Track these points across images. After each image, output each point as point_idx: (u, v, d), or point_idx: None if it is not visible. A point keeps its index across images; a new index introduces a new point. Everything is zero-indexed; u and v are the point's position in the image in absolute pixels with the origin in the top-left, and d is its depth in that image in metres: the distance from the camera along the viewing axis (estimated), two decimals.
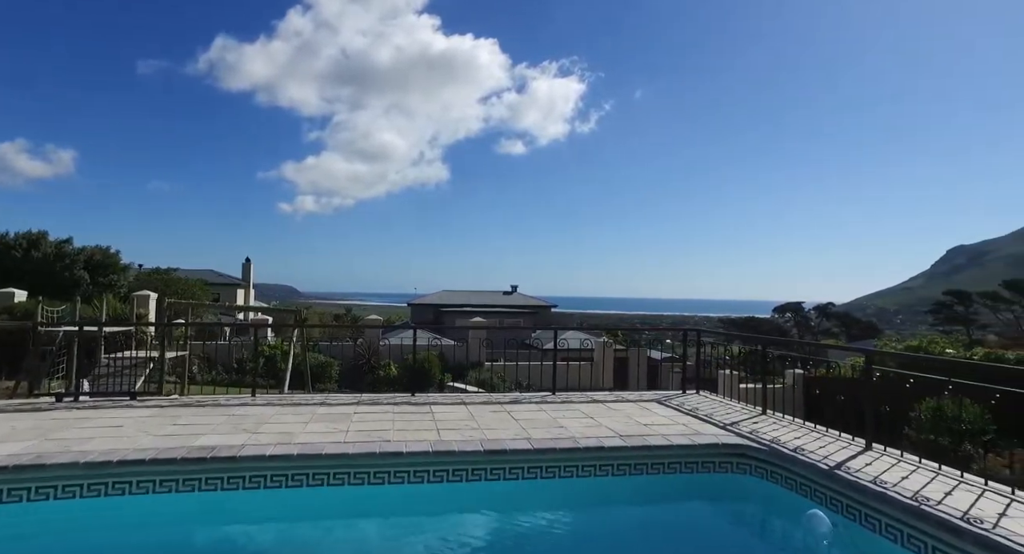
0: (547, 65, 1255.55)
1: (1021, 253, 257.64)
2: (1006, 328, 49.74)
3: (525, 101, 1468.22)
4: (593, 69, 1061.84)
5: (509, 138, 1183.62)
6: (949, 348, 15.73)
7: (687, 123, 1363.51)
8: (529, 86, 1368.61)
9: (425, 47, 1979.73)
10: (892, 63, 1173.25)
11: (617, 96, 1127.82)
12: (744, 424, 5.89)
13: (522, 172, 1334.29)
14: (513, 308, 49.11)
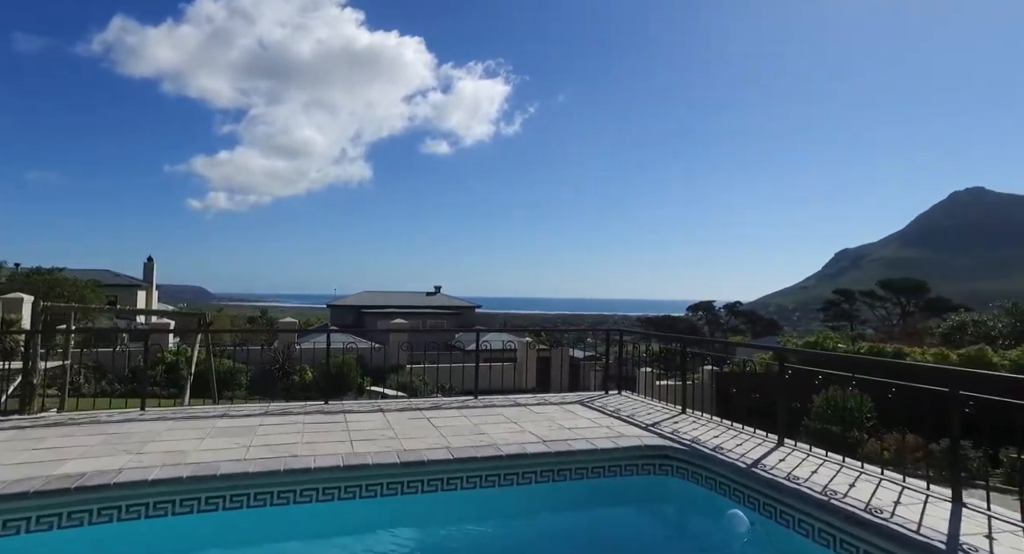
0: (473, 66, 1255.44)
1: (891, 256, 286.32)
2: (880, 323, 54.92)
3: (451, 101, 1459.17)
4: (519, 72, 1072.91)
5: (434, 138, 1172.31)
6: (840, 343, 17.00)
7: (607, 127, 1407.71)
8: (455, 86, 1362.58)
9: (348, 42, 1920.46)
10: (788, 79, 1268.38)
11: (542, 99, 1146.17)
12: (665, 424, 5.93)
13: (447, 172, 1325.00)
14: (436, 309, 48.48)
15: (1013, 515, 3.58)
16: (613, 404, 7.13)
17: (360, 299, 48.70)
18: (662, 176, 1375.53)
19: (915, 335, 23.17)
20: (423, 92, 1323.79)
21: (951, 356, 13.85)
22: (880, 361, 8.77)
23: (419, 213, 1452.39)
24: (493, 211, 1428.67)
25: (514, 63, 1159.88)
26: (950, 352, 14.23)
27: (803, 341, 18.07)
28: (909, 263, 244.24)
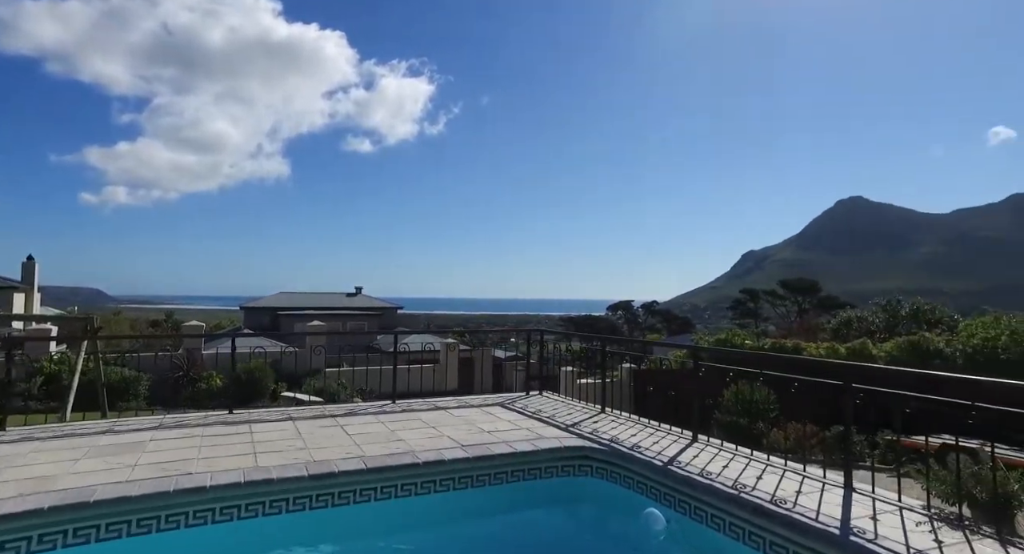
0: (396, 64, 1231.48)
1: (789, 258, 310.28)
2: (780, 320, 59.32)
3: (374, 98, 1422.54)
4: (443, 72, 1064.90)
5: (356, 135, 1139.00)
6: (747, 339, 18.07)
7: (530, 128, 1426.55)
8: (378, 83, 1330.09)
9: (264, 32, 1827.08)
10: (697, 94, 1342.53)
11: (466, 100, 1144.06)
12: (585, 424, 5.97)
13: (369, 171, 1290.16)
14: (357, 310, 47.01)
15: (892, 496, 3.85)
16: (534, 405, 7.11)
17: (277, 300, 46.39)
18: (586, 180, 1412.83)
19: (810, 331, 25.05)
20: (345, 88, 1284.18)
21: (840, 350, 15.06)
22: (784, 357, 9.36)
23: (341, 212, 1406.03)
24: (417, 211, 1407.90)
25: (438, 62, 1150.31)
26: (839, 346, 15.47)
27: (714, 338, 19.05)
28: (803, 264, 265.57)
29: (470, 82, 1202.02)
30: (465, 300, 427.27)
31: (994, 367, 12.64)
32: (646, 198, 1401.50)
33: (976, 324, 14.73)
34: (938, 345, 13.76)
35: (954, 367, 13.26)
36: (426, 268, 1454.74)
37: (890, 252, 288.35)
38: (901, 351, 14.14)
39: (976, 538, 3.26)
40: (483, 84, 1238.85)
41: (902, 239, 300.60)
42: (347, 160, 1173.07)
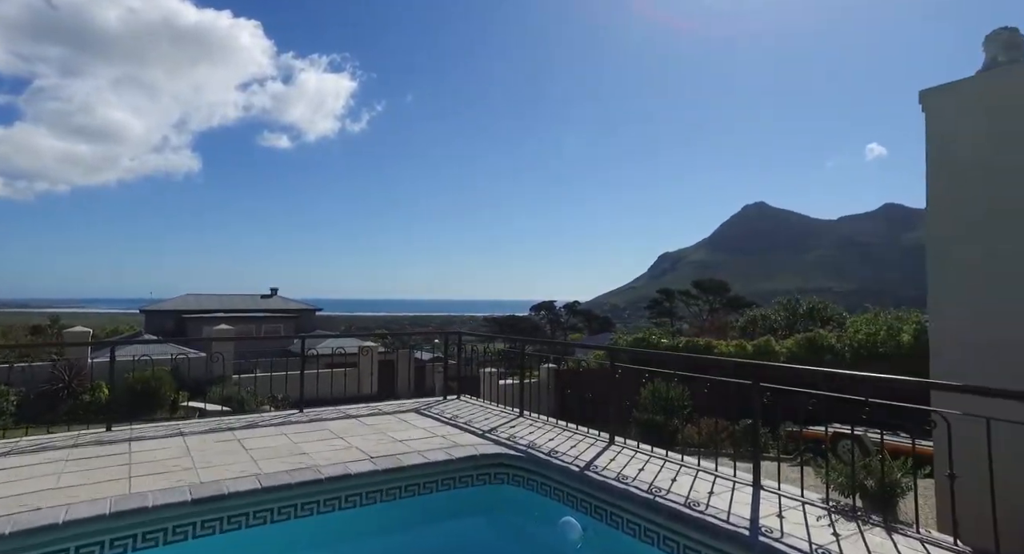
0: (317, 58, 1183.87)
1: (701, 259, 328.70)
2: (694, 319, 62.61)
3: (292, 93, 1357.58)
4: (366, 68, 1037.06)
5: (273, 131, 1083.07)
6: (664, 338, 18.75)
7: (456, 130, 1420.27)
8: (296, 77, 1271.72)
9: (170, 16, 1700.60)
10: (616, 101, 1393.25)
11: (389, 98, 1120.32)
12: (503, 429, 5.80)
13: (288, 168, 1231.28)
14: (272, 313, 44.66)
15: (795, 491, 3.96)
16: (451, 410, 6.87)
17: (182, 303, 43.14)
18: (511, 183, 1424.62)
19: (721, 329, 26.45)
20: (260, 81, 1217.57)
21: (747, 347, 15.94)
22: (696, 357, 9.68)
23: (256, 210, 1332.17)
24: (340, 211, 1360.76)
25: (361, 59, 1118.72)
26: (746, 343, 16.37)
27: (632, 338, 19.63)
28: (714, 265, 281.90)
29: (394, 80, 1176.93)
30: (390, 301, 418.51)
31: (875, 359, 13.80)
32: (569, 201, 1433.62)
33: (860, 321, 16.05)
34: (830, 341, 14.85)
35: (843, 360, 14.36)
36: (349, 269, 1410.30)
37: (788, 254, 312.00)
38: (800, 347, 15.15)
39: (867, 528, 3.39)
40: (408, 82, 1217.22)
41: (798, 242, 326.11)
42: (264, 156, 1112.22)
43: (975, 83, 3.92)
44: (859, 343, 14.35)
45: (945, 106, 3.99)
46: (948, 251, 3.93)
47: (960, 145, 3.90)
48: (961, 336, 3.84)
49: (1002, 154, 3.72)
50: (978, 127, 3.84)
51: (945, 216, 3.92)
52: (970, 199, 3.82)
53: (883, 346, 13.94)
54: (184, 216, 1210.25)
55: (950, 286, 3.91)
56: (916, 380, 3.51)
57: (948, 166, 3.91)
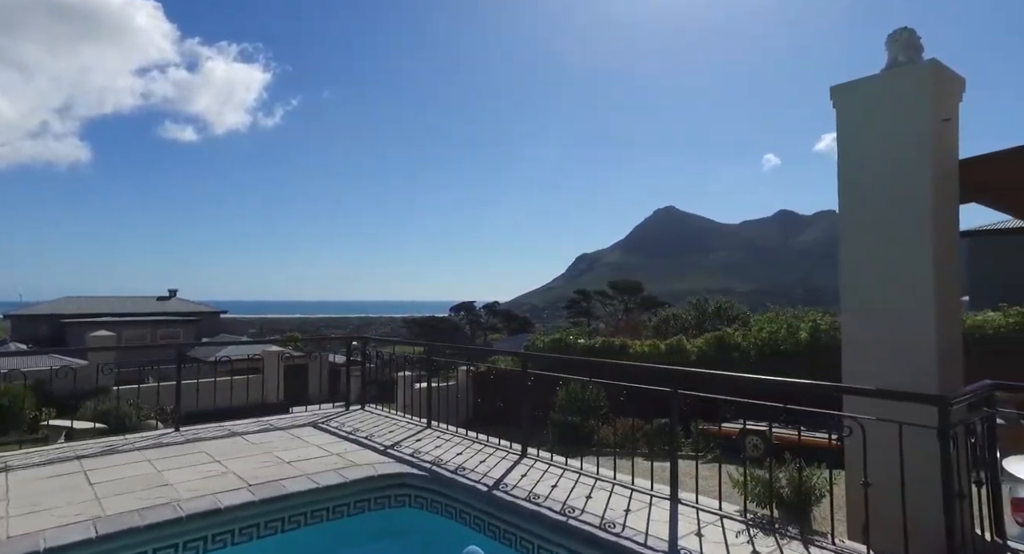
0: (226, 46, 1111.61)
1: (617, 261, 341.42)
2: (609, 318, 64.65)
3: (197, 81, 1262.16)
4: (280, 60, 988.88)
5: (177, 121, 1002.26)
6: (580, 338, 18.83)
7: (375, 128, 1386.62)
8: (203, 66, 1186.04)
9: None
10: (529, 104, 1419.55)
11: (305, 92, 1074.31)
12: (407, 443, 5.30)
13: (194, 162, 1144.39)
14: (168, 316, 41.07)
15: (713, 504, 3.76)
16: (353, 422, 6.27)
17: (60, 307, 38.66)
18: (432, 183, 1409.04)
19: (635, 329, 27.12)
20: (161, 67, 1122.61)
21: (660, 346, 16.29)
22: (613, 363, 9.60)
23: (156, 206, 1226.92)
24: (251, 209, 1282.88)
25: (275, 50, 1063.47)
26: (660, 343, 16.74)
27: (549, 338, 19.58)
28: (629, 266, 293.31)
29: (310, 74, 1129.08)
30: (306, 303, 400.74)
31: (777, 357, 14.52)
32: (490, 203, 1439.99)
33: (763, 320, 16.88)
34: (737, 339, 15.46)
35: (749, 358, 15.00)
36: (263, 270, 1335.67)
37: (696, 256, 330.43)
38: (709, 346, 15.66)
39: (785, 542, 3.23)
40: (324, 78, 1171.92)
41: (705, 245, 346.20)
42: (166, 148, 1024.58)
43: (878, 81, 3.93)
44: (762, 341, 15.03)
45: (852, 102, 3.97)
46: (856, 246, 3.88)
47: (865, 140, 3.87)
48: (869, 334, 3.80)
49: (900, 150, 3.71)
50: (880, 124, 3.83)
51: (854, 211, 3.88)
52: (873, 194, 3.80)
53: (784, 344, 14.67)
54: (68, 211, 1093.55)
55: (859, 283, 3.87)
56: (831, 385, 3.40)
57: (855, 161, 3.88)
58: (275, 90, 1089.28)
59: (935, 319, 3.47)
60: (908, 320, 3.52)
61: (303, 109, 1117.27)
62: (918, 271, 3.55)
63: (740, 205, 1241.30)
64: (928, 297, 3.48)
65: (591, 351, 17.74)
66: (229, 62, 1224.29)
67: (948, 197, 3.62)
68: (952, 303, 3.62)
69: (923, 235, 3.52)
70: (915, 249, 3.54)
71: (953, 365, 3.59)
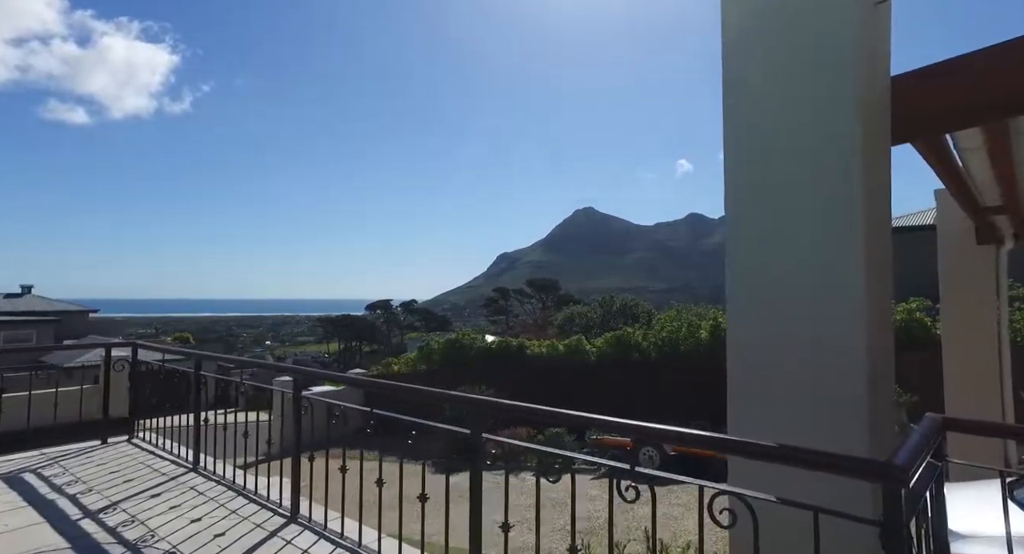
0: (126, 22, 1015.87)
1: (537, 259, 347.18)
2: (528, 316, 64.45)
3: (90, 58, 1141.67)
4: (190, 43, 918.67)
5: (65, 101, 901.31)
6: (478, 340, 17.44)
7: (290, 118, 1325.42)
8: (97, 42, 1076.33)
9: None
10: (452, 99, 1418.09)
11: (217, 78, 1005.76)
12: (131, 504, 3.59)
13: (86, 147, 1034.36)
14: (19, 316, 35.64)
15: None
16: (87, 467, 4.43)
17: None
18: (345, 179, 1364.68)
19: (542, 327, 26.19)
20: (44, 39, 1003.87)
21: (559, 347, 15.23)
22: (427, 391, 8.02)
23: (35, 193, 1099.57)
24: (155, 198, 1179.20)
25: (183, 31, 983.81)
26: (559, 343, 15.68)
27: (444, 340, 18.05)
28: (548, 266, 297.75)
29: (223, 60, 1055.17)
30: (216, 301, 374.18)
31: (676, 357, 13.83)
32: (412, 200, 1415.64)
33: (665, 318, 16.28)
34: (637, 339, 14.66)
35: (649, 358, 14.22)
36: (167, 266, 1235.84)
37: (612, 256, 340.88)
38: (609, 345, 14.76)
39: None
40: (238, 64, 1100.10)
41: (621, 245, 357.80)
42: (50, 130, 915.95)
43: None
44: (663, 341, 14.32)
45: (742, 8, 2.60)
46: (748, 218, 2.53)
47: (759, 47, 2.40)
48: (761, 351, 2.41)
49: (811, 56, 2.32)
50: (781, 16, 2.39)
51: (742, 162, 2.49)
52: (772, 134, 2.41)
53: (684, 344, 14.00)
54: None
55: (750, 272, 2.53)
56: (682, 432, 2.06)
57: (744, 82, 2.48)
58: (184, 74, 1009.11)
59: (866, 328, 2.00)
60: (825, 328, 2.11)
61: (214, 95, 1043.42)
62: (842, 254, 2.11)
63: (654, 207, 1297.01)
64: (857, 295, 2.03)
65: (487, 353, 16.45)
66: (130, 40, 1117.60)
67: (879, 136, 2.25)
68: (886, 303, 2.29)
69: (849, 197, 2.22)
70: (838, 220, 2.11)
71: (885, 396, 2.25)
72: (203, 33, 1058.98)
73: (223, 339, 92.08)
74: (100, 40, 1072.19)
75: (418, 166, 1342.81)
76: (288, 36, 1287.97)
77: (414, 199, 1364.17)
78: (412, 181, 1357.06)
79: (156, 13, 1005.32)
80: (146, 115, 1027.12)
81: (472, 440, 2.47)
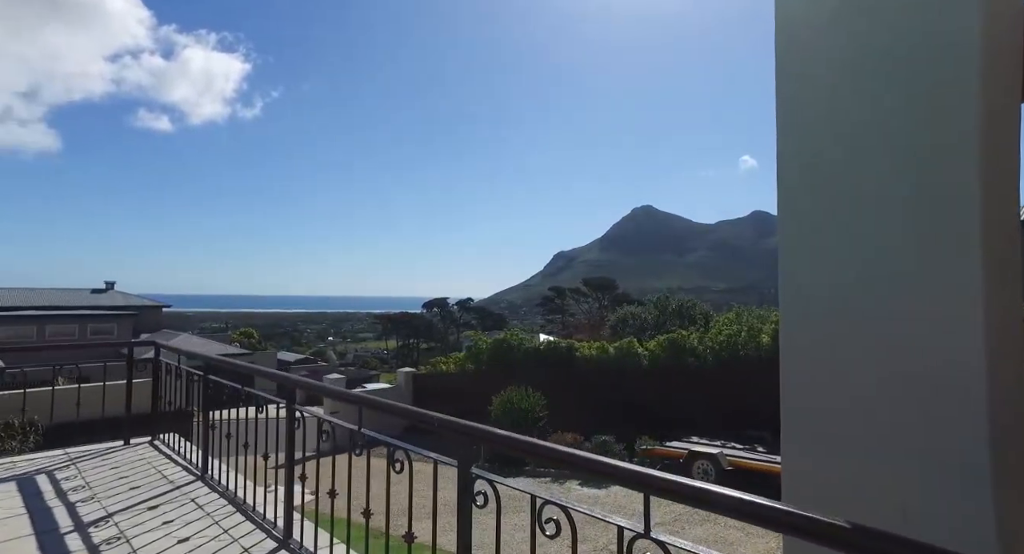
0: (204, 34, 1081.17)
1: (594, 258, 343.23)
2: (585, 316, 63.55)
3: (174, 69, 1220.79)
4: (261, 51, 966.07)
5: (152, 110, 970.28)
6: (526, 340, 17.02)
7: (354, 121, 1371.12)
8: (179, 54, 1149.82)
9: None
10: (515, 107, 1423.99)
11: (287, 85, 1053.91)
12: (125, 515, 3.39)
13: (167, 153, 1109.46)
14: (102, 310, 38.22)
15: None
16: (101, 470, 4.32)
17: None
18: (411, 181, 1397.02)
19: (595, 327, 25.52)
20: (135, 53, 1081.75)
21: (609, 349, 14.60)
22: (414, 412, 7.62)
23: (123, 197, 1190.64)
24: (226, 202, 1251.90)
25: (255, 40, 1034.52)
26: (608, 345, 15.04)
27: (491, 339, 17.75)
28: (606, 265, 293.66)
29: (292, 65, 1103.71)
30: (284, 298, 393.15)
31: (736, 363, 12.91)
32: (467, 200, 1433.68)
33: (723, 321, 15.30)
34: (693, 342, 13.83)
35: (706, 364, 13.37)
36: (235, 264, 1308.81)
37: (672, 255, 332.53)
38: (662, 349, 14.01)
39: None
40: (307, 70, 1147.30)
41: (681, 244, 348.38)
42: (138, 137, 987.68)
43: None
44: (720, 345, 13.43)
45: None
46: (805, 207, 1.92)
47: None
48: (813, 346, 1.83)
49: None
50: None
51: (802, 136, 1.92)
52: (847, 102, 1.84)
53: (743, 348, 13.08)
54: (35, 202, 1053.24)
55: (801, 260, 1.91)
56: None
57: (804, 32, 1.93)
58: (255, 81, 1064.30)
59: (985, 352, 1.39)
60: (923, 352, 1.49)
61: (284, 101, 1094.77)
62: (949, 255, 1.51)
63: (716, 205, 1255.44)
64: (971, 307, 1.43)
65: (536, 354, 15.98)
66: (207, 51, 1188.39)
67: (1005, 88, 1.57)
68: (1013, 318, 1.55)
69: (961, 177, 1.50)
70: (943, 207, 1.52)
71: (1017, 452, 1.49)
72: (274, 41, 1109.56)
73: (288, 334, 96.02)
74: (182, 52, 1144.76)
75: (478, 163, 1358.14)
76: (351, 43, 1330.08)
77: (474, 197, 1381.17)
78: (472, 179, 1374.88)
79: (231, 24, 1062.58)
80: (221, 120, 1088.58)
81: (460, 475, 2.04)
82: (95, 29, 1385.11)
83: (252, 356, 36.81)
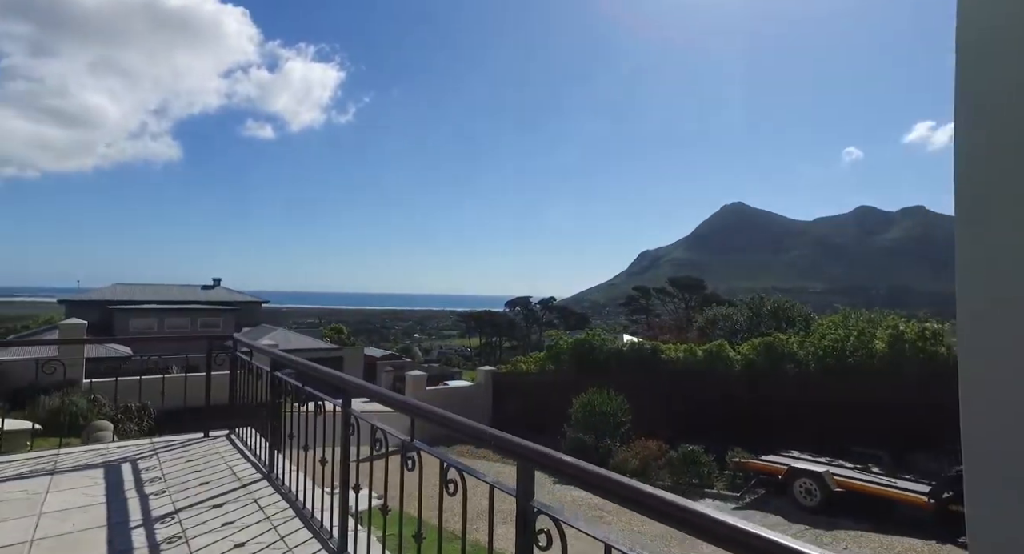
0: (304, 47, 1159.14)
1: (680, 257, 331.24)
2: (670, 316, 61.28)
3: (277, 82, 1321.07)
4: (354, 60, 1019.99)
5: (257, 120, 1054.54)
6: (608, 341, 16.40)
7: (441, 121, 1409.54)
8: (282, 66, 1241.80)
9: None
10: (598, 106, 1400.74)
11: (377, 90, 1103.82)
12: (191, 513, 3.33)
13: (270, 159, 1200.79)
14: (210, 305, 41.49)
15: None
16: (182, 462, 4.38)
17: (111, 293, 39.74)
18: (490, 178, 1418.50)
19: (681, 329, 24.30)
20: (245, 68, 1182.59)
21: (697, 352, 13.68)
22: None
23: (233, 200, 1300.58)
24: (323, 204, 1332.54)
25: (350, 50, 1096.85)
26: (696, 348, 14.10)
27: (572, 339, 17.27)
28: (693, 264, 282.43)
29: (382, 72, 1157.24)
30: (366, 295, 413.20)
31: (843, 371, 11.63)
32: (553, 198, 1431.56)
33: (827, 324, 13.90)
34: (792, 347, 12.63)
35: (807, 371, 12.17)
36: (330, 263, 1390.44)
37: (766, 254, 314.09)
38: (757, 353, 12.92)
39: None
40: (395, 76, 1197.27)
41: (776, 242, 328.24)
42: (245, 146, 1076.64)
43: None
44: (825, 351, 12.15)
45: None
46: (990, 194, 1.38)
47: None
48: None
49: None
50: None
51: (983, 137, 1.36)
52: None
53: (853, 356, 11.75)
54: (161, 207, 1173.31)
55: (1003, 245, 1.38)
56: None
57: None
58: (348, 88, 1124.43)
59: None
60: None
61: (374, 106, 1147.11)
62: None
63: (815, 201, 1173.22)
64: None
65: (618, 355, 15.32)
66: (307, 62, 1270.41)
67: None
68: None
69: None
70: None
71: None
72: (365, 50, 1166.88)
73: (377, 331, 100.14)
74: (284, 65, 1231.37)
75: (565, 163, 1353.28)
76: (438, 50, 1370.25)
77: (558, 196, 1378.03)
78: (559, 175, 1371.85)
79: (329, 36, 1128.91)
80: (317, 126, 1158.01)
81: (519, 510, 1.67)
82: (213, 48, 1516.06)
83: (341, 351, 38.54)
